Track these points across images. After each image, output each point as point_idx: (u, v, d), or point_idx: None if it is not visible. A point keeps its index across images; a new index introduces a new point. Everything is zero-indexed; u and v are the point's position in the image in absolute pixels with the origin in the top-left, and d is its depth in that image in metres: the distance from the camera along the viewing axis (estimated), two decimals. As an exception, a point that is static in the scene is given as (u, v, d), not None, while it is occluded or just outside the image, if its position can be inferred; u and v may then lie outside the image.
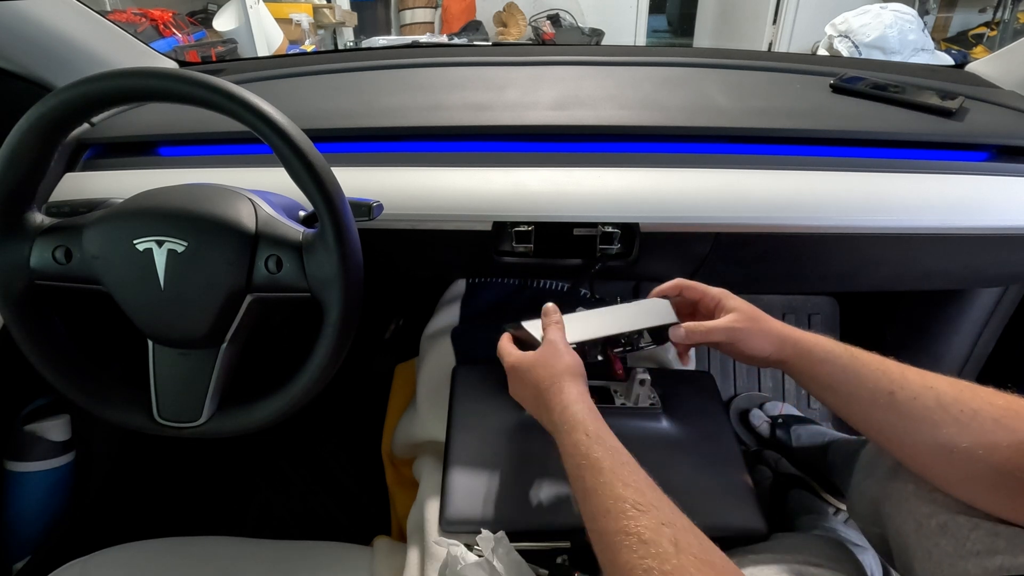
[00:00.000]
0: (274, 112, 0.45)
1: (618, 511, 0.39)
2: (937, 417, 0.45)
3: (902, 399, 0.47)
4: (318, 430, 1.15)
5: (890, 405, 0.48)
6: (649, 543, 0.36)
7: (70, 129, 0.48)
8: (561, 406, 0.49)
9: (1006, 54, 0.85)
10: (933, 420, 0.46)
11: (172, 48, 2.36)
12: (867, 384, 0.50)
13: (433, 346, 0.83)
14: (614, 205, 0.65)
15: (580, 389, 0.51)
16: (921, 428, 0.46)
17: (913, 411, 0.47)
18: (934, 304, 0.97)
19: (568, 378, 0.52)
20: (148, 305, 0.49)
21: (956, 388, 0.46)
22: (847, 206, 0.64)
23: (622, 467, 0.42)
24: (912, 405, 0.47)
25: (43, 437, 0.85)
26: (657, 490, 0.41)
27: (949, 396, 0.46)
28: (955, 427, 0.45)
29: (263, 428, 0.52)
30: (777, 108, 0.74)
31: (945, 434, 0.45)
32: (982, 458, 0.43)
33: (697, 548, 0.36)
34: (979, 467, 0.44)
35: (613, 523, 0.38)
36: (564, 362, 0.53)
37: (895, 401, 0.48)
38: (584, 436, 0.46)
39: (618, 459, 0.43)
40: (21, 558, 0.83)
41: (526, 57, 0.89)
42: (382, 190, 0.64)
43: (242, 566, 0.62)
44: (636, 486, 0.40)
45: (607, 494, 0.40)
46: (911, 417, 0.47)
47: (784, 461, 0.95)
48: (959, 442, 0.44)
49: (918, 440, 0.47)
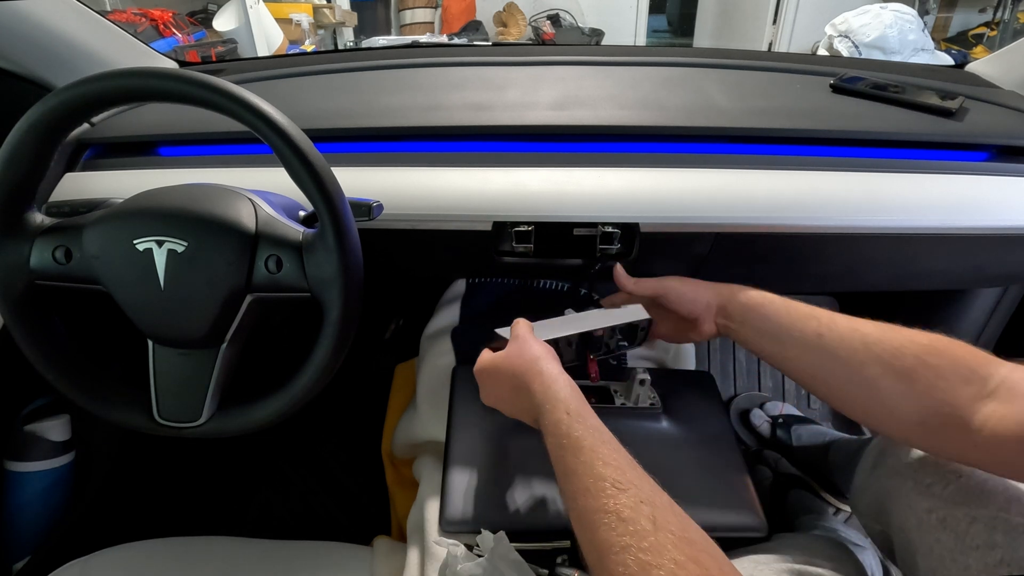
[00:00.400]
0: (274, 112, 0.45)
1: (598, 490, 0.39)
2: (862, 357, 0.47)
3: (830, 340, 0.49)
4: (318, 430, 1.15)
5: (819, 347, 0.50)
6: (628, 521, 0.36)
7: (70, 129, 0.48)
8: (543, 385, 0.49)
9: (1006, 54, 0.85)
10: (859, 360, 0.47)
11: (172, 48, 2.36)
12: (797, 327, 0.52)
13: (433, 346, 0.83)
14: (614, 205, 0.65)
15: (559, 368, 0.51)
16: (848, 368, 0.48)
17: (840, 352, 0.49)
18: (934, 304, 0.97)
19: (545, 360, 0.52)
20: (148, 305, 0.49)
21: (880, 329, 0.48)
22: (847, 206, 0.64)
23: (603, 446, 0.42)
24: (839, 345, 0.49)
25: (43, 437, 0.85)
26: (638, 469, 0.41)
27: (873, 336, 0.48)
28: (879, 366, 0.46)
29: (263, 428, 0.52)
30: (777, 108, 0.74)
31: (870, 373, 0.46)
32: (904, 393, 0.45)
33: (676, 525, 0.36)
34: (902, 403, 0.45)
35: (593, 501, 0.38)
36: (537, 350, 0.53)
37: (823, 343, 0.50)
38: (565, 415, 0.46)
39: (599, 438, 0.43)
40: (21, 558, 0.83)
41: (526, 57, 0.89)
42: (382, 190, 0.64)
43: (242, 566, 0.62)
44: (616, 465, 0.40)
45: (587, 473, 0.40)
46: (838, 358, 0.49)
47: (784, 461, 0.95)
48: (882, 380, 0.46)
49: (845, 380, 0.49)
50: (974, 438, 0.41)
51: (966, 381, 0.43)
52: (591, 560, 0.37)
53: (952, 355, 0.44)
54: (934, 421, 0.44)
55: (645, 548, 0.34)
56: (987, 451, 0.41)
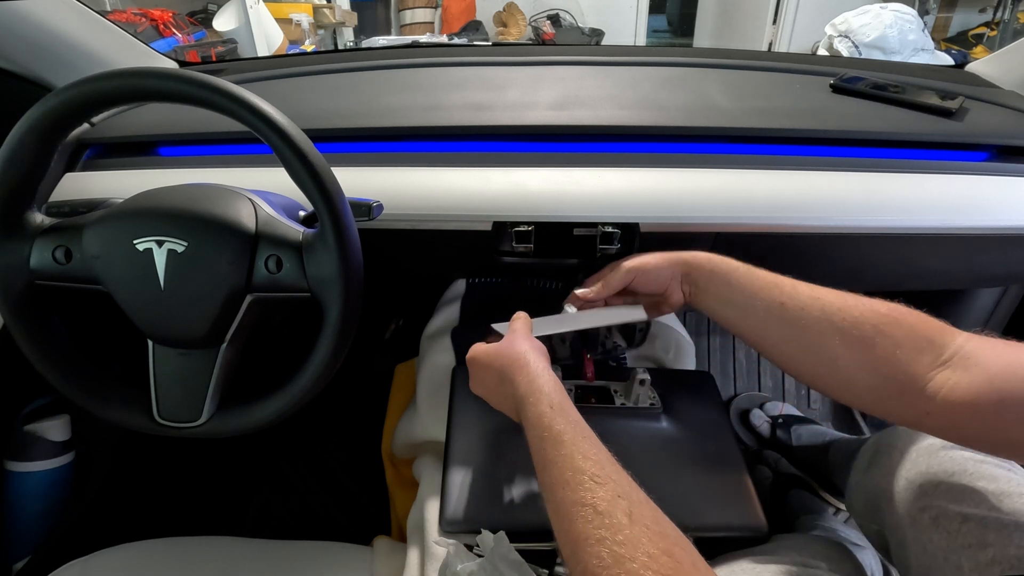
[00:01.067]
0: (274, 112, 0.45)
1: (576, 483, 0.39)
2: (823, 327, 0.48)
3: (791, 309, 0.50)
4: (318, 430, 1.15)
5: (781, 316, 0.50)
6: (604, 514, 0.36)
7: (70, 129, 0.48)
8: (527, 378, 0.50)
9: (1006, 54, 0.85)
10: (818, 329, 0.48)
11: (172, 48, 2.36)
12: (760, 296, 0.52)
13: (433, 346, 0.83)
14: (614, 205, 0.65)
15: (545, 364, 0.52)
16: (807, 337, 0.48)
17: (800, 321, 0.49)
18: (934, 304, 0.97)
19: (533, 355, 0.52)
20: (148, 305, 0.49)
21: (841, 299, 0.49)
22: (847, 206, 0.64)
23: (583, 440, 0.43)
24: (800, 315, 0.49)
25: (43, 437, 0.85)
26: (616, 464, 0.41)
27: (834, 306, 0.48)
28: (837, 336, 0.47)
29: (263, 428, 0.52)
30: (777, 108, 0.74)
31: (829, 343, 0.47)
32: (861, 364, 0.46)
33: (651, 519, 0.36)
34: (859, 373, 0.46)
35: (571, 494, 0.39)
36: (525, 345, 0.54)
37: (785, 311, 0.50)
38: (548, 408, 0.46)
39: (579, 432, 0.44)
40: (21, 558, 0.83)
41: (526, 57, 0.89)
42: (382, 190, 0.64)
43: (242, 566, 0.62)
44: (596, 459, 0.41)
45: (566, 466, 0.41)
46: (798, 327, 0.49)
47: (784, 461, 0.95)
48: (840, 350, 0.46)
49: (803, 349, 0.49)
50: (927, 406, 0.42)
51: (921, 351, 0.44)
52: (566, 552, 0.38)
53: (909, 325, 0.45)
54: (890, 388, 0.44)
55: (620, 541, 0.34)
56: (940, 418, 0.42)
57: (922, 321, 0.46)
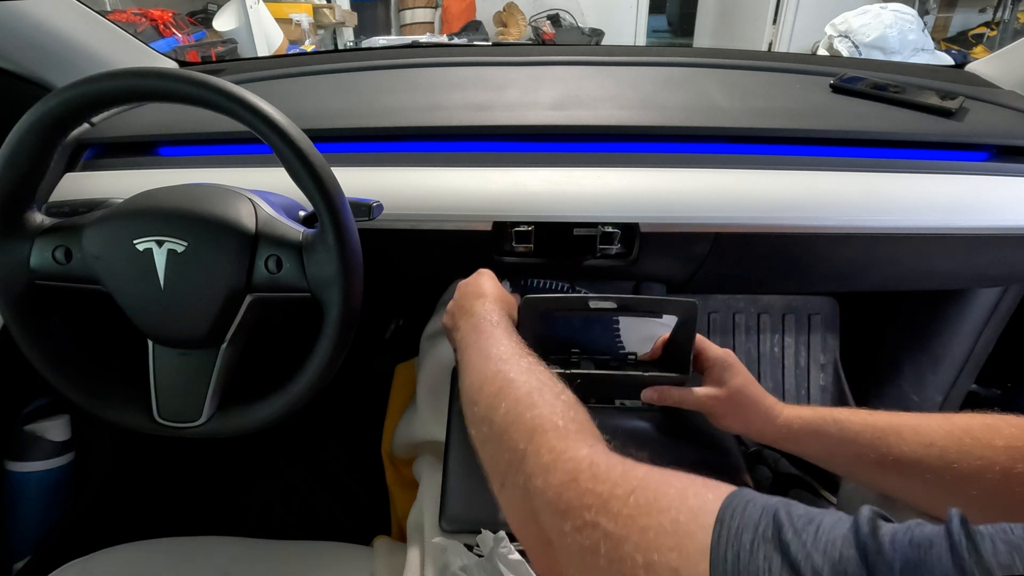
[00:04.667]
0: (274, 112, 0.45)
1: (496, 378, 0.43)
2: (948, 476, 0.44)
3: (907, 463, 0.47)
4: (318, 430, 1.15)
5: (895, 469, 0.47)
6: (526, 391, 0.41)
7: (70, 129, 0.48)
8: (481, 305, 0.53)
9: (1006, 54, 0.85)
10: (944, 480, 0.44)
11: (172, 48, 2.35)
12: (868, 454, 0.49)
13: (433, 346, 0.83)
14: (614, 205, 0.65)
15: (501, 309, 0.54)
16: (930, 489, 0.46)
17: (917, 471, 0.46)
18: (934, 304, 0.97)
19: (494, 293, 0.55)
20: (148, 305, 0.49)
21: (957, 440, 0.45)
22: (847, 206, 0.64)
23: (522, 358, 0.46)
24: (916, 468, 0.46)
25: (43, 437, 0.85)
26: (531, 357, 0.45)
27: (952, 452, 0.44)
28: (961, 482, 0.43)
29: (263, 428, 0.52)
30: (777, 108, 0.74)
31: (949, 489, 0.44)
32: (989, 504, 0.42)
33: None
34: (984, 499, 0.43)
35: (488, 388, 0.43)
36: (492, 287, 0.57)
37: (900, 465, 0.47)
38: (489, 324, 0.50)
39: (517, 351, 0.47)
40: (21, 558, 0.83)
41: (526, 57, 0.89)
42: (382, 190, 0.64)
43: (242, 566, 0.62)
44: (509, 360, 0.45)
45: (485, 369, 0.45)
46: (916, 476, 0.46)
47: (784, 461, 0.95)
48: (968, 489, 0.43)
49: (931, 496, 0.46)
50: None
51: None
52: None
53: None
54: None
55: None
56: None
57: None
